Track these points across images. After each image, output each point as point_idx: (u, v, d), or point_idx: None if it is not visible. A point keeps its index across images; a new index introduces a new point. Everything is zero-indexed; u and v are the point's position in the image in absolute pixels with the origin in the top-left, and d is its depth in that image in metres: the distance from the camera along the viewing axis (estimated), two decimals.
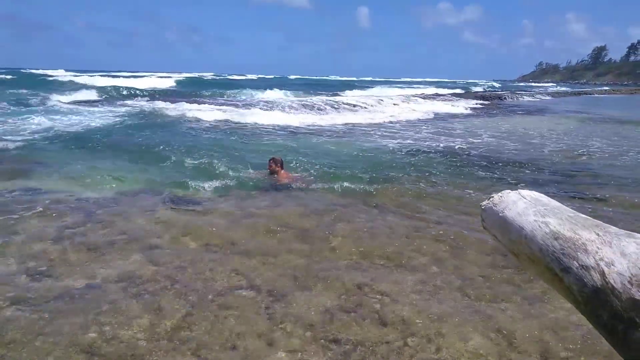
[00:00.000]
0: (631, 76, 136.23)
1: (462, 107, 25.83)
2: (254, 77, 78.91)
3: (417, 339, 2.99)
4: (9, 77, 37.62)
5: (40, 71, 58.92)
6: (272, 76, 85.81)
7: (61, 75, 46.40)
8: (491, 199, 1.71)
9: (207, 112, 16.85)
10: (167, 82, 39.54)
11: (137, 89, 28.91)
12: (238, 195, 6.48)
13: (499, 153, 10.75)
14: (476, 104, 29.34)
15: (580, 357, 2.84)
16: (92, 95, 24.69)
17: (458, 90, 46.92)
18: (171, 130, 12.80)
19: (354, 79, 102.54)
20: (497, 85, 73.40)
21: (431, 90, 46.15)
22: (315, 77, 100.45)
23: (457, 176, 8.05)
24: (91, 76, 40.91)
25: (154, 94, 27.46)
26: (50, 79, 38.78)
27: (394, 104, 25.72)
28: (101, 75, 43.79)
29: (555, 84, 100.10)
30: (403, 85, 60.43)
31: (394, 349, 2.87)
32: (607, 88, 72.32)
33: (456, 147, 11.58)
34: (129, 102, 20.49)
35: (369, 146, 11.27)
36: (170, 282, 3.74)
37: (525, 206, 1.57)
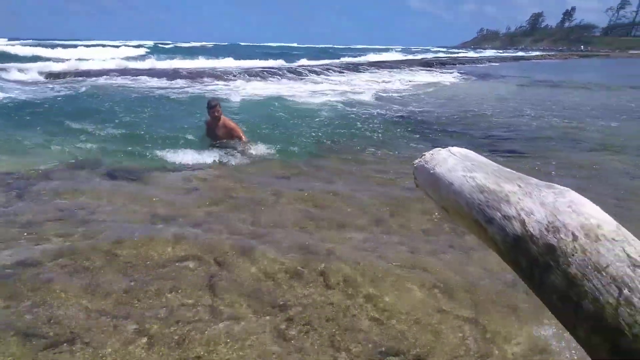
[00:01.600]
0: (565, 42, 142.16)
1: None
2: (209, 44, 74.91)
3: (360, 298, 3.07)
4: None
5: None
6: (226, 43, 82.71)
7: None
8: (423, 157, 1.75)
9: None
10: (126, 52, 35.55)
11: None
12: (181, 164, 6.31)
13: (443, 116, 11.01)
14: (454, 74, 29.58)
15: (506, 305, 3.02)
16: (51, 67, 21.03)
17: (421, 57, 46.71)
18: (122, 103, 12.11)
19: (312, 46, 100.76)
20: (474, 54, 72.71)
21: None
22: (273, 44, 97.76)
23: (399, 139, 8.21)
24: (46, 47, 35.98)
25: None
26: None
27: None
28: (48, 46, 38.80)
29: (495, 51, 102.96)
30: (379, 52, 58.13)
31: (339, 310, 2.94)
32: (543, 54, 74.97)
33: (399, 112, 11.75)
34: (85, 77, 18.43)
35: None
36: (109, 256, 3.62)
37: (454, 162, 1.61)
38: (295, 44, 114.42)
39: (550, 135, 8.91)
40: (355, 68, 28.49)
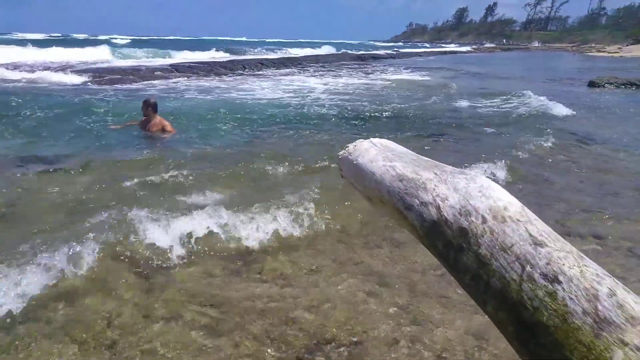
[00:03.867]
0: (489, 36, 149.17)
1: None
2: (125, 38, 70.19)
3: (296, 290, 3.09)
4: None
5: None
6: (147, 37, 78.97)
7: None
8: (346, 148, 1.78)
9: None
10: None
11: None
12: (107, 157, 6.05)
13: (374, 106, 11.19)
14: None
15: (437, 290, 3.16)
16: None
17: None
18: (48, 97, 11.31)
19: (230, 38, 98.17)
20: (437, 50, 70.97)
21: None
22: (200, 38, 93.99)
23: (333, 129, 8.29)
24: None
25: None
26: None
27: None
28: None
29: (426, 44, 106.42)
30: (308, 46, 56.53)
31: (274, 303, 2.94)
32: (472, 49, 77.75)
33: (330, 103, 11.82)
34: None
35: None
36: (34, 255, 3.40)
37: (376, 153, 1.65)
38: (240, 38, 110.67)
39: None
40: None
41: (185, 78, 17.63)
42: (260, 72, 21.48)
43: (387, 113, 10.46)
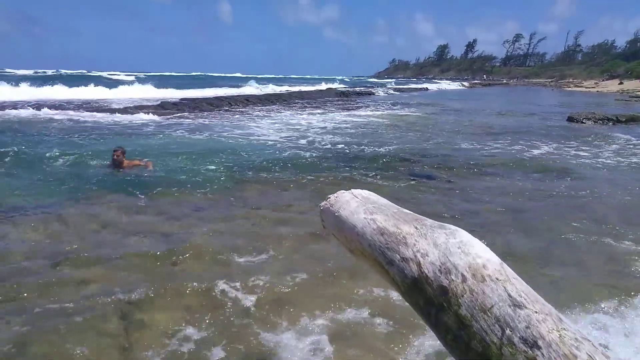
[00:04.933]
0: (469, 71, 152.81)
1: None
2: (123, 75, 68.84)
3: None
4: None
5: None
6: (135, 74, 78.71)
7: None
8: (328, 199, 1.78)
9: None
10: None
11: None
12: (85, 197, 5.97)
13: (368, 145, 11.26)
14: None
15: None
16: None
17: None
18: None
19: (223, 74, 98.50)
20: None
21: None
22: (188, 73, 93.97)
23: (319, 169, 8.28)
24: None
25: None
26: None
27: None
28: None
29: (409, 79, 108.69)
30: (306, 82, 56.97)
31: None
32: (458, 84, 79.04)
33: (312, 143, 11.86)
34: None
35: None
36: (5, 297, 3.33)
37: (357, 205, 1.65)
38: (211, 73, 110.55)
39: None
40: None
41: (171, 116, 17.65)
42: (245, 109, 21.52)
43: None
